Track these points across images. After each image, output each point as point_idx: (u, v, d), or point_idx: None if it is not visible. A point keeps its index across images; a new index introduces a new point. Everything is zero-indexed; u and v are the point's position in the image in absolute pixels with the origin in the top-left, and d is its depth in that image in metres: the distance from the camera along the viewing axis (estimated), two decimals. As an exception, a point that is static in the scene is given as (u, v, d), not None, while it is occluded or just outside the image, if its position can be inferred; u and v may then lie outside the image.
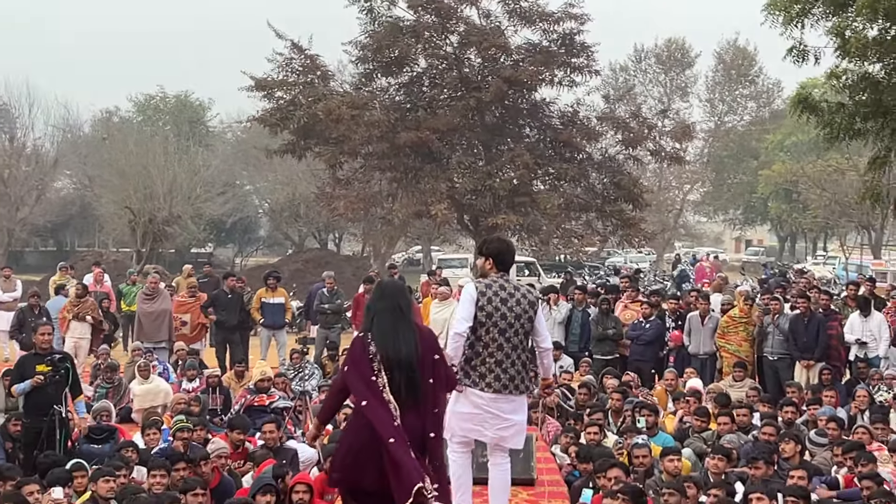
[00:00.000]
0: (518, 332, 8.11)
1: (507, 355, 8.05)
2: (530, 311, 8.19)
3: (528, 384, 8.23)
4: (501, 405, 8.05)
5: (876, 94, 18.83)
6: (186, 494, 9.20)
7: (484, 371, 8.01)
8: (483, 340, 8.04)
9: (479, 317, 8.04)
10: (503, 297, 8.10)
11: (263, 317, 20.16)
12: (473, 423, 8.06)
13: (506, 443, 8.21)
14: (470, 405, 8.04)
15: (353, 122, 29.93)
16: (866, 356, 17.04)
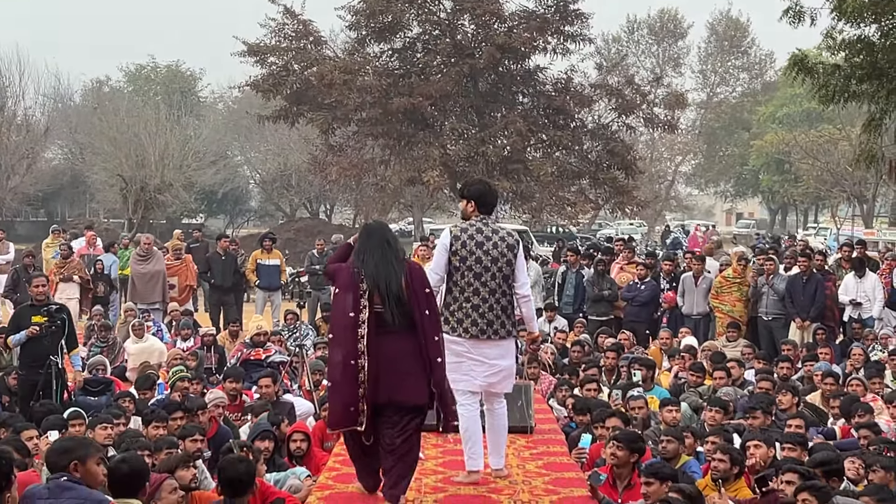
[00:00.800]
0: (495, 276, 7.98)
1: (485, 300, 7.94)
2: (509, 254, 8.04)
3: (511, 329, 8.10)
4: (485, 350, 7.98)
5: (871, 56, 18.83)
6: (185, 440, 9.17)
7: (461, 316, 7.94)
8: (459, 285, 7.97)
9: (454, 261, 7.96)
10: (479, 241, 7.97)
11: (259, 278, 20.16)
12: (460, 372, 7.93)
13: (495, 388, 8.13)
14: (452, 354, 7.86)
15: (345, 88, 29.90)
16: (860, 317, 17.06)
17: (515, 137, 30.38)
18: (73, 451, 6.10)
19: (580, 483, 8.13)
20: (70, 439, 6.89)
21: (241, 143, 59.22)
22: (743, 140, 65.26)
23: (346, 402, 7.26)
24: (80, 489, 5.87)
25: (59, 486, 5.87)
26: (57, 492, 5.84)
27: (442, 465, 8.63)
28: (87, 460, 6.10)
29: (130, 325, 16.33)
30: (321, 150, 34.23)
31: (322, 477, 8.36)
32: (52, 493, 5.84)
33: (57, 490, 5.85)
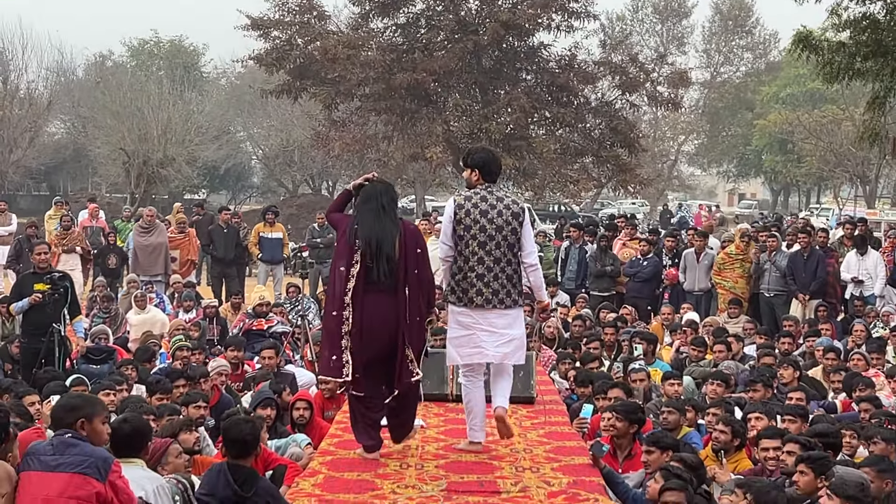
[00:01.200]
0: (500, 245, 7.88)
1: (489, 268, 7.85)
2: (514, 222, 7.93)
3: (517, 298, 7.99)
4: (493, 320, 7.89)
5: (876, 34, 18.79)
6: (188, 407, 9.19)
7: (466, 286, 7.86)
8: (464, 255, 7.88)
9: (459, 231, 7.87)
10: (483, 209, 7.87)
11: (261, 251, 20.17)
12: (471, 345, 7.91)
13: (509, 359, 8.01)
14: (461, 328, 7.91)
15: (348, 63, 29.86)
16: (862, 294, 17.09)
17: (519, 114, 30.33)
18: (81, 408, 6.11)
19: (581, 451, 8.16)
20: (78, 396, 6.91)
21: (243, 118, 59.12)
22: (746, 120, 65.06)
23: (330, 353, 7.68)
24: (85, 446, 5.88)
25: (64, 443, 5.88)
26: (61, 448, 5.85)
27: (444, 434, 8.66)
28: (94, 419, 6.11)
29: (133, 297, 16.36)
30: (324, 125, 34.19)
31: (324, 443, 8.39)
32: (57, 449, 5.85)
33: (61, 446, 5.85)
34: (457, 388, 9.76)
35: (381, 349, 7.70)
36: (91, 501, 5.70)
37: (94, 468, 5.76)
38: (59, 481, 5.72)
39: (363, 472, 7.42)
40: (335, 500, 6.74)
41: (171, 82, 48.07)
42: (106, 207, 31.69)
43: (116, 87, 46.37)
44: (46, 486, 5.71)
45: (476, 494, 6.97)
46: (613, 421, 8.77)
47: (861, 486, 6.56)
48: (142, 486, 6.15)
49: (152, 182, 42.68)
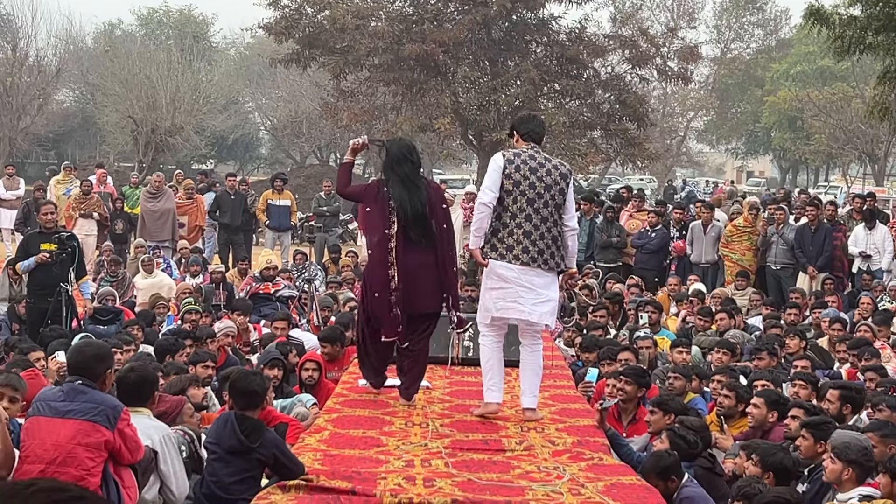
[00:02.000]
0: (548, 204, 7.76)
1: (536, 227, 7.72)
2: (562, 182, 7.83)
3: (559, 261, 7.88)
4: (532, 278, 7.77)
5: (888, 8, 18.72)
6: (196, 366, 9.23)
7: (511, 243, 7.71)
8: (510, 210, 7.73)
9: (507, 185, 7.72)
10: (532, 167, 7.75)
11: (269, 218, 20.17)
12: (507, 299, 7.79)
13: (543, 319, 7.89)
14: (499, 279, 7.79)
15: (357, 33, 29.72)
16: (869, 269, 17.10)
17: (528, 86, 30.20)
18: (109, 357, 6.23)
19: (586, 414, 8.18)
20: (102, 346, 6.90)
21: (252, 89, 59.12)
22: (756, 97, 64.82)
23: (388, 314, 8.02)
24: (95, 393, 5.91)
25: (74, 390, 5.90)
26: (72, 394, 5.87)
27: (449, 395, 8.69)
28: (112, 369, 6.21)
29: (140, 261, 16.39)
30: (332, 95, 34.09)
31: (330, 401, 8.42)
32: (67, 395, 5.87)
33: (72, 393, 5.88)
34: (462, 351, 9.81)
35: (426, 303, 8.11)
36: (100, 449, 5.73)
37: (104, 416, 5.79)
38: (68, 427, 5.75)
39: (369, 430, 7.45)
40: (340, 456, 6.76)
41: (179, 51, 48.07)
42: (114, 175, 31.68)
43: (125, 56, 46.37)
44: (56, 431, 5.74)
45: (481, 452, 6.99)
46: (623, 385, 8.81)
47: (864, 451, 6.58)
48: (148, 436, 6.19)
49: (160, 150, 42.71)
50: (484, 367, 8.04)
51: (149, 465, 6.12)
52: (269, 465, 6.28)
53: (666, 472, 6.71)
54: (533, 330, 7.99)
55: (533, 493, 6.11)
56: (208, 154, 56.60)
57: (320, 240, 21.17)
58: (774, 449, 6.92)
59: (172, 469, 6.27)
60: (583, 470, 6.64)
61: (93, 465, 5.69)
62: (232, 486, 6.24)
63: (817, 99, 50.59)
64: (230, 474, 6.26)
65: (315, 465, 6.42)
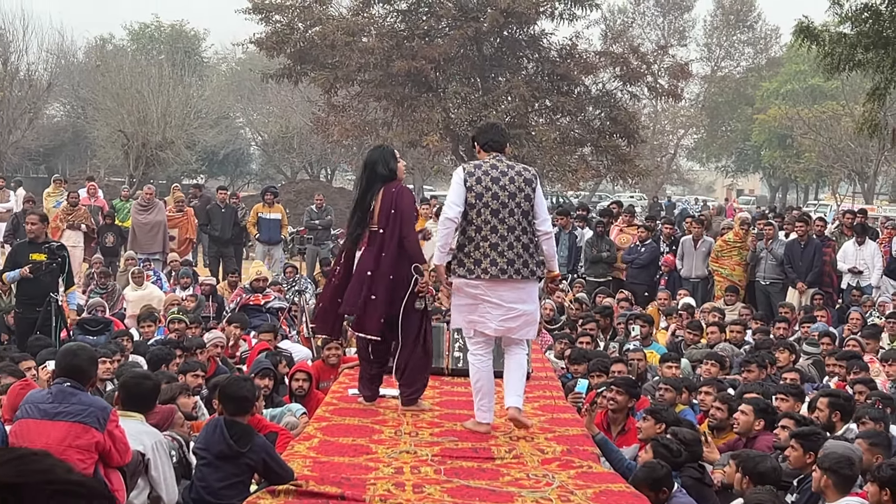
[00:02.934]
0: (514, 213, 7.56)
1: (503, 237, 7.52)
2: (527, 188, 7.63)
3: (534, 269, 7.66)
4: (502, 293, 7.57)
5: (877, 25, 18.83)
6: (186, 375, 9.23)
7: (479, 257, 7.52)
8: (475, 224, 7.56)
9: (469, 199, 7.55)
10: (494, 176, 7.57)
11: (259, 232, 20.18)
12: (476, 314, 7.67)
13: (513, 334, 7.74)
14: (467, 297, 7.66)
15: (347, 48, 29.82)
16: (859, 284, 17.15)
17: (518, 102, 30.26)
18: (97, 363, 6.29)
19: (576, 423, 8.18)
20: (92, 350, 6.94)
21: (243, 104, 59.18)
22: (746, 115, 64.98)
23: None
24: (84, 395, 5.92)
25: (63, 392, 5.91)
26: (60, 397, 5.88)
27: (438, 404, 8.69)
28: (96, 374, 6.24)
29: (130, 273, 16.38)
30: (323, 110, 34.18)
31: (320, 410, 8.43)
32: (56, 397, 5.88)
33: (60, 395, 5.89)
34: (452, 362, 9.82)
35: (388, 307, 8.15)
36: (91, 450, 5.74)
37: (94, 417, 5.81)
38: (59, 430, 5.76)
39: (358, 438, 7.45)
40: (329, 463, 6.76)
41: (171, 66, 48.01)
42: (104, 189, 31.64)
43: (116, 71, 46.32)
44: (46, 434, 5.75)
45: (470, 459, 6.99)
46: (614, 395, 8.83)
47: (842, 459, 6.60)
48: (140, 441, 6.19)
49: (151, 165, 42.67)
50: (474, 387, 7.88)
51: (137, 469, 6.13)
52: (258, 470, 6.28)
53: (658, 484, 6.72)
54: (513, 340, 7.86)
55: (522, 499, 6.11)
56: (199, 169, 56.52)
57: (311, 253, 21.19)
58: (761, 458, 6.94)
59: (163, 474, 6.28)
60: (572, 477, 6.64)
61: (84, 466, 5.69)
62: (221, 490, 6.23)
63: (807, 117, 50.77)
64: (219, 479, 6.25)
65: (304, 472, 6.42)
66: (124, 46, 62.50)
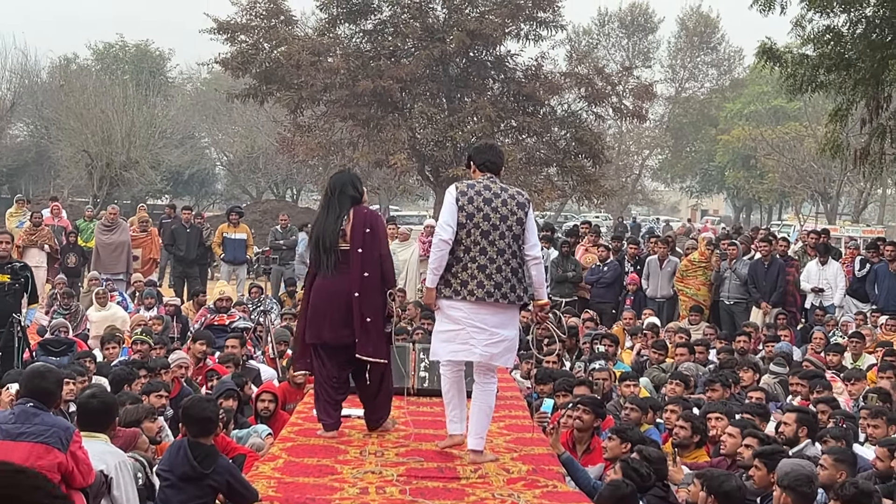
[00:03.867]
0: (504, 236, 7.47)
1: (492, 260, 7.42)
2: (519, 212, 7.55)
3: (521, 294, 7.56)
4: (485, 317, 7.47)
5: (839, 47, 19.02)
6: (149, 395, 9.16)
7: (466, 277, 7.41)
8: (464, 244, 7.44)
9: (460, 218, 7.43)
10: (486, 197, 7.46)
11: (224, 252, 20.10)
12: (458, 341, 7.53)
13: (495, 360, 7.66)
14: (450, 322, 7.54)
15: (312, 69, 29.85)
16: (822, 304, 17.25)
17: (484, 123, 30.36)
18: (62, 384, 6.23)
19: (541, 443, 8.19)
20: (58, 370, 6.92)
21: (208, 124, 59.11)
22: (710, 136, 65.45)
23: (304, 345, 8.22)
24: (46, 415, 5.87)
25: (25, 412, 5.86)
26: (23, 417, 5.82)
27: (404, 424, 8.65)
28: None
29: (94, 293, 16.28)
30: (289, 130, 34.17)
31: (285, 430, 8.41)
32: (19, 418, 5.83)
33: (23, 415, 5.83)
34: (418, 382, 9.80)
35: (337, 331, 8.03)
36: (54, 471, 5.69)
37: (57, 438, 5.76)
38: (21, 450, 5.70)
39: (323, 458, 7.43)
40: (294, 483, 6.73)
41: (135, 86, 47.89)
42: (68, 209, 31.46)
43: (81, 90, 46.21)
44: (7, 454, 5.69)
45: (436, 479, 6.98)
46: (581, 413, 8.82)
47: (800, 478, 6.63)
48: (104, 461, 6.14)
49: (115, 185, 42.53)
50: (445, 399, 7.83)
51: (100, 490, 6.07)
52: (222, 491, 6.24)
53: (622, 502, 6.71)
54: (487, 367, 7.74)
55: (487, 519, 6.11)
56: (164, 189, 56.35)
57: (276, 273, 21.14)
58: (724, 477, 6.95)
59: (125, 494, 6.22)
60: (537, 497, 6.65)
61: (47, 487, 5.62)
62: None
63: (770, 138, 51.18)
64: (183, 501, 6.21)
65: (269, 493, 6.40)
66: (89, 66, 62.26)
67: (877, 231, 39.98)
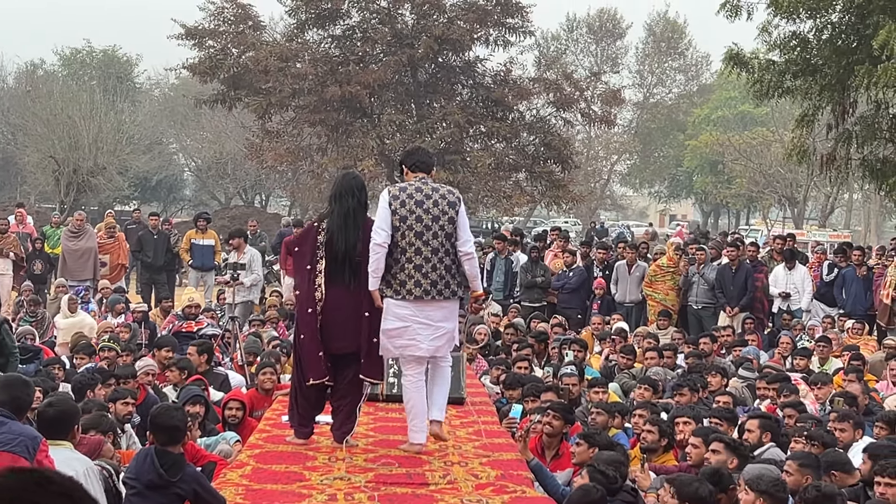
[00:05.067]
0: (437, 235, 7.77)
1: (427, 259, 7.72)
2: (450, 211, 7.83)
3: (456, 289, 7.89)
4: (429, 313, 7.79)
5: (805, 53, 19.18)
6: (116, 403, 9.11)
7: (404, 278, 7.71)
8: (400, 246, 7.73)
9: (394, 221, 7.71)
10: (418, 200, 7.76)
11: (192, 258, 20.00)
12: (405, 337, 7.77)
13: (440, 352, 7.95)
14: (396, 319, 7.76)
15: (280, 74, 29.79)
16: (789, 308, 17.36)
17: (453, 129, 30.35)
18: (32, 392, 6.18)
19: (510, 448, 8.19)
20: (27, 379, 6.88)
21: (176, 130, 58.89)
22: (678, 141, 65.82)
23: (315, 354, 7.88)
24: (13, 424, 5.83)
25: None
26: None
27: (373, 430, 8.66)
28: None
29: (65, 299, 16.15)
30: (257, 135, 34.08)
31: (253, 437, 8.37)
32: None
33: None
34: (387, 388, 9.78)
35: (343, 343, 7.92)
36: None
37: (24, 447, 5.72)
38: None
39: (291, 465, 7.40)
40: (262, 491, 6.70)
41: (103, 92, 47.72)
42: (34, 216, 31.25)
43: (47, 96, 46.03)
44: None
45: (404, 486, 6.97)
46: (551, 419, 8.84)
47: (776, 482, 6.68)
48: (72, 468, 6.07)
49: (82, 191, 42.32)
50: (407, 408, 7.99)
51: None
52: (189, 499, 6.20)
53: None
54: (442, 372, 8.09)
55: (456, 525, 6.11)
56: (131, 195, 56.06)
57: (244, 279, 21.04)
58: (690, 480, 6.97)
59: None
60: (506, 502, 6.65)
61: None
62: (150, 521, 6.15)
63: (738, 143, 51.53)
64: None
65: (237, 500, 6.38)
66: (55, 72, 61.95)
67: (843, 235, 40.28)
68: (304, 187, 36.88)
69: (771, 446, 8.47)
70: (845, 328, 16.67)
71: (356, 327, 7.87)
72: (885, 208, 48.40)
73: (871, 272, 17.85)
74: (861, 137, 19.53)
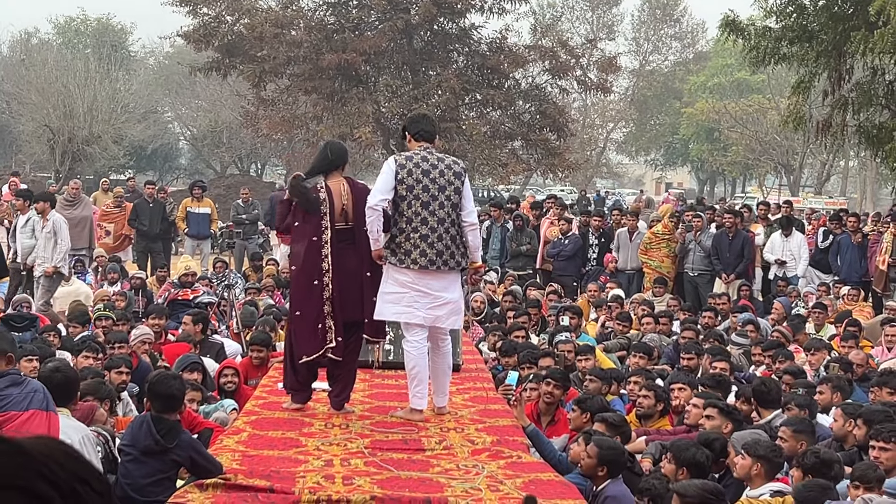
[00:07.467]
0: (444, 205, 7.75)
1: (433, 229, 7.69)
2: (456, 181, 7.79)
3: (460, 259, 7.86)
4: (429, 282, 7.74)
5: (802, 19, 19.11)
6: (111, 371, 9.11)
7: (409, 247, 7.67)
8: (406, 215, 7.70)
9: (400, 191, 7.67)
10: (425, 169, 7.71)
11: (188, 226, 19.98)
12: (402, 304, 7.74)
13: (440, 322, 7.88)
14: (396, 284, 7.74)
15: (275, 41, 29.68)
16: (785, 275, 17.39)
17: (449, 96, 30.29)
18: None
19: (506, 414, 8.20)
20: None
21: (171, 98, 58.77)
22: (674, 109, 65.74)
23: (313, 326, 7.78)
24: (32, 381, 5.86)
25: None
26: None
27: (369, 397, 8.67)
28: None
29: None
30: (253, 103, 33.98)
31: (249, 404, 8.37)
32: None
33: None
34: (383, 355, 9.79)
35: (354, 306, 7.89)
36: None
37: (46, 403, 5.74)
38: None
39: (288, 431, 7.41)
40: (259, 456, 6.71)
41: (97, 60, 47.54)
42: (30, 185, 31.19)
43: (42, 65, 45.91)
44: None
45: (400, 451, 6.98)
46: (551, 388, 8.87)
47: (773, 447, 6.72)
48: (68, 435, 6.10)
49: (77, 160, 42.25)
50: (409, 374, 7.93)
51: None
52: (185, 465, 6.22)
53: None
54: (437, 332, 7.98)
55: (452, 489, 6.12)
56: (127, 164, 56.00)
57: (240, 248, 21.05)
58: (687, 445, 7.00)
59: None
60: (501, 468, 6.66)
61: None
62: (147, 487, 6.18)
63: (734, 110, 51.45)
64: (145, 475, 6.20)
65: (233, 466, 6.37)
66: (50, 40, 61.74)
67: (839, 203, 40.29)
68: (300, 155, 36.75)
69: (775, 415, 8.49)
70: (840, 295, 16.71)
71: (360, 295, 7.88)
72: (881, 175, 48.31)
73: (866, 239, 17.88)
74: (857, 104, 19.49)
